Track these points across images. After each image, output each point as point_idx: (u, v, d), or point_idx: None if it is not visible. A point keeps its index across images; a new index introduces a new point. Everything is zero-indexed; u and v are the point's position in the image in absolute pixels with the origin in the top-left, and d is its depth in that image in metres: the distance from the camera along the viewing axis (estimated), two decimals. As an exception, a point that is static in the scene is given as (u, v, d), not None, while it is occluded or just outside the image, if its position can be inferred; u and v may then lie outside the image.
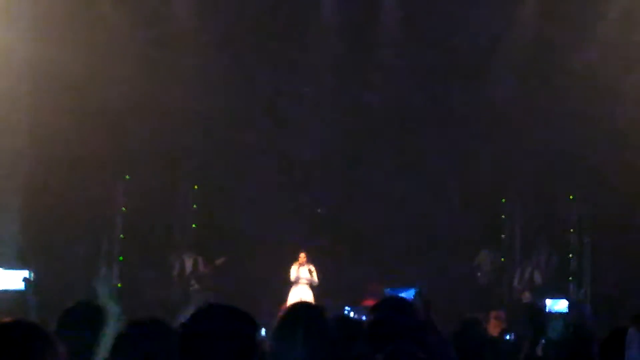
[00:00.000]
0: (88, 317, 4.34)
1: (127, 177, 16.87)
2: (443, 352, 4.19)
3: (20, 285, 13.68)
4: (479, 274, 17.22)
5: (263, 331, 5.59)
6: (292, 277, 16.21)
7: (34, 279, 13.73)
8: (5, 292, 13.68)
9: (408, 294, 13.66)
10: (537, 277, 16.50)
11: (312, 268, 16.27)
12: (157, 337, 3.71)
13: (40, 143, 14.89)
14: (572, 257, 17.33)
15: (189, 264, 16.44)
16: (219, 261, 16.36)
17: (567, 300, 15.95)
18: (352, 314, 13.83)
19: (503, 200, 18.18)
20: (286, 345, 3.56)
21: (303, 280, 16.17)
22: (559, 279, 17.02)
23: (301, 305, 3.93)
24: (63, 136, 14.71)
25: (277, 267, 16.34)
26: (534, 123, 16.63)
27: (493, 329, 11.02)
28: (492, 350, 6.33)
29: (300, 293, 15.85)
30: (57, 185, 14.74)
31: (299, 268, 16.22)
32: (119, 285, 16.45)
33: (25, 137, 15.04)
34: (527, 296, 16.40)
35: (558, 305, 15.54)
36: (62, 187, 14.73)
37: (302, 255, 16.24)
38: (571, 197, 17.45)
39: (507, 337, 10.81)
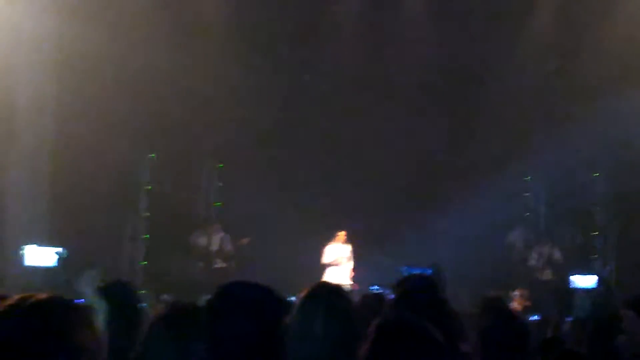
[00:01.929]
0: (120, 295, 4.39)
1: (152, 155, 16.89)
2: (459, 327, 4.25)
3: (50, 262, 13.96)
4: (512, 251, 17.16)
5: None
6: (331, 257, 16.03)
7: (66, 255, 13.89)
8: (36, 268, 13.84)
9: (424, 272, 13.68)
10: (557, 255, 16.37)
11: (350, 248, 16.11)
12: (190, 319, 3.74)
13: (65, 123, 14.95)
14: (597, 234, 17.22)
15: (216, 241, 16.43)
16: (244, 241, 16.36)
17: (597, 275, 15.79)
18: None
19: (529, 178, 18.09)
20: (307, 325, 3.55)
21: (344, 260, 16.02)
22: (583, 257, 16.94)
23: (322, 285, 3.92)
24: (88, 115, 14.78)
25: (301, 248, 16.30)
26: (558, 100, 16.55)
27: (517, 307, 11.00)
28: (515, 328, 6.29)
29: (342, 272, 15.78)
30: (82, 164, 14.80)
31: (338, 247, 16.04)
32: (144, 262, 16.52)
33: (50, 116, 15.11)
34: (547, 274, 16.29)
35: (584, 281, 15.40)
36: (87, 166, 14.79)
37: (342, 234, 16.09)
38: (596, 174, 17.33)
39: (533, 317, 10.78)
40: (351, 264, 16.12)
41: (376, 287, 14.89)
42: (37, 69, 14.83)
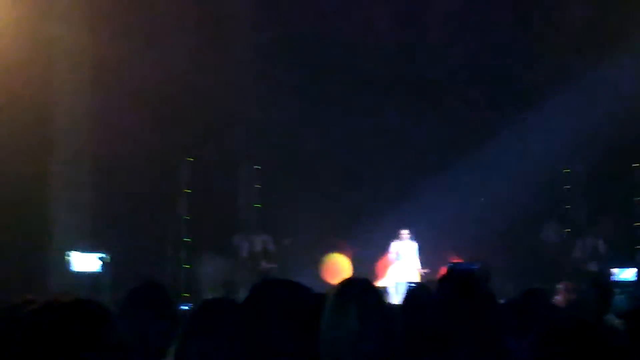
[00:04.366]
0: (152, 297, 4.45)
1: (190, 158, 17.00)
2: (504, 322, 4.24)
3: (95, 267, 14.23)
4: (545, 246, 17.04)
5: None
6: (396, 254, 16.16)
7: (109, 260, 14.10)
8: (81, 274, 14.09)
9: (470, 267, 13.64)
10: (602, 247, 16.23)
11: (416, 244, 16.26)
12: (228, 314, 3.77)
13: (103, 129, 15.10)
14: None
15: (257, 243, 16.52)
16: (286, 241, 16.43)
17: (637, 268, 15.66)
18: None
19: (568, 170, 17.92)
20: (340, 323, 3.54)
21: (409, 257, 16.14)
22: (626, 249, 16.76)
23: (351, 281, 3.88)
24: (126, 120, 14.91)
25: (342, 247, 16.28)
26: (598, 90, 16.38)
27: (563, 301, 10.87)
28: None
29: (406, 269, 15.90)
30: (122, 169, 14.93)
31: (401, 245, 16.17)
32: (187, 266, 16.61)
33: (88, 123, 15.25)
34: (592, 265, 16.16)
35: (625, 274, 15.27)
36: (127, 170, 14.92)
37: (405, 232, 16.22)
38: (636, 165, 17.15)
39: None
40: (417, 260, 16.23)
41: (413, 284, 14.86)
42: (73, 77, 14.97)
